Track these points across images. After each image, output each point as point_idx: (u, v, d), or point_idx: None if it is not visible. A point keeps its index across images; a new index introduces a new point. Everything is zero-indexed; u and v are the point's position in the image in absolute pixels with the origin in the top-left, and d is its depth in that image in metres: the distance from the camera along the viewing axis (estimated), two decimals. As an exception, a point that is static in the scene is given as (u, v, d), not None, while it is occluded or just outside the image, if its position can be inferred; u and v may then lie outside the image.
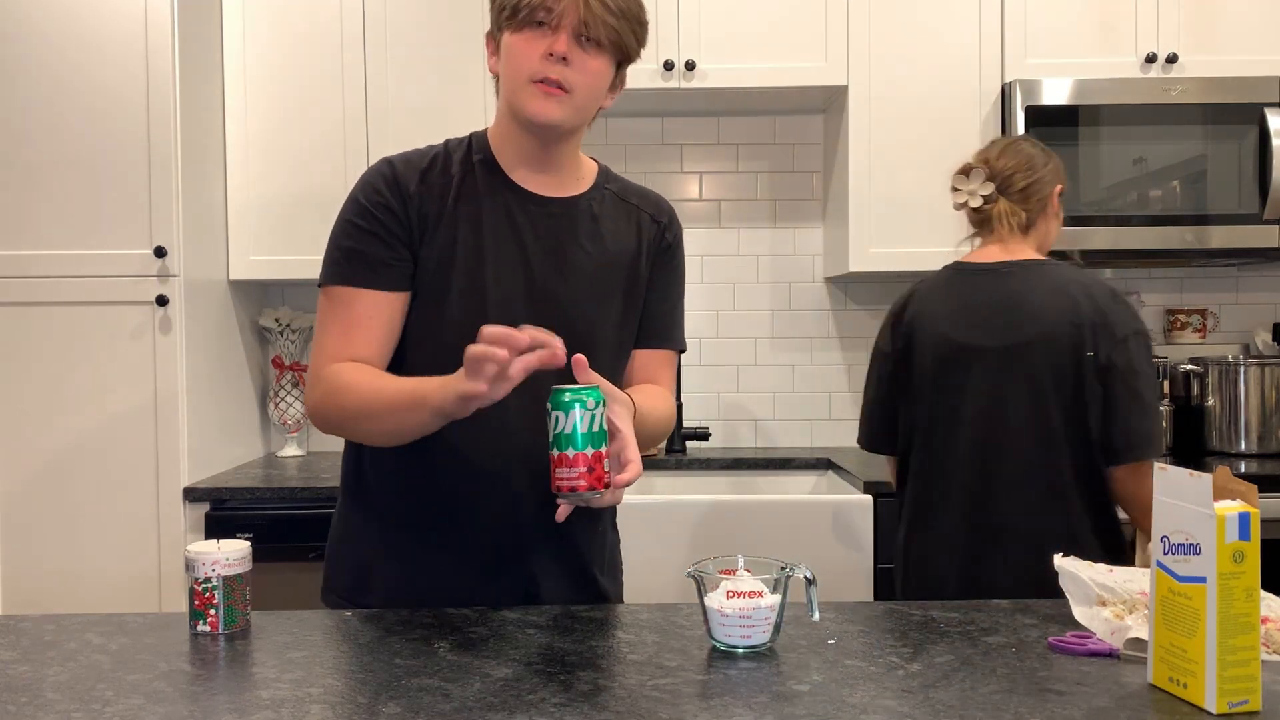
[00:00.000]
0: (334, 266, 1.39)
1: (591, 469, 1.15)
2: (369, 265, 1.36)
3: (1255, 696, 0.97)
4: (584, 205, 1.44)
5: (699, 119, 3.14)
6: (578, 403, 1.15)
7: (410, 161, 1.41)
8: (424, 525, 1.40)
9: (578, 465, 1.15)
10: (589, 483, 1.15)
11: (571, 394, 1.15)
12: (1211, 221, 2.71)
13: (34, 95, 2.45)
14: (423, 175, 1.39)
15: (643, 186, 1.53)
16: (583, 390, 1.16)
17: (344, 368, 1.34)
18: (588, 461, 1.15)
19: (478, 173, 1.41)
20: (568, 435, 1.15)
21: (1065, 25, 2.76)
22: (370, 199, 1.37)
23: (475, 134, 1.46)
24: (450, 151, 1.43)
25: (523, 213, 1.40)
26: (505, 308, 1.37)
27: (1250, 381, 2.85)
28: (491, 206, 1.39)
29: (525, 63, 1.32)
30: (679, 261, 1.54)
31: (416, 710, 0.99)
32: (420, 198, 1.38)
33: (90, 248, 2.46)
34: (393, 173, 1.39)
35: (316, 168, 2.74)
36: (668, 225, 1.51)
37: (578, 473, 1.15)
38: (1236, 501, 0.99)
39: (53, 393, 2.46)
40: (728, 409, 3.13)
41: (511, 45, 1.33)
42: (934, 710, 0.98)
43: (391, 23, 2.76)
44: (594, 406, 1.15)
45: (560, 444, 1.15)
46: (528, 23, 1.31)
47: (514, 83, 1.34)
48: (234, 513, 2.47)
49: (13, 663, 1.15)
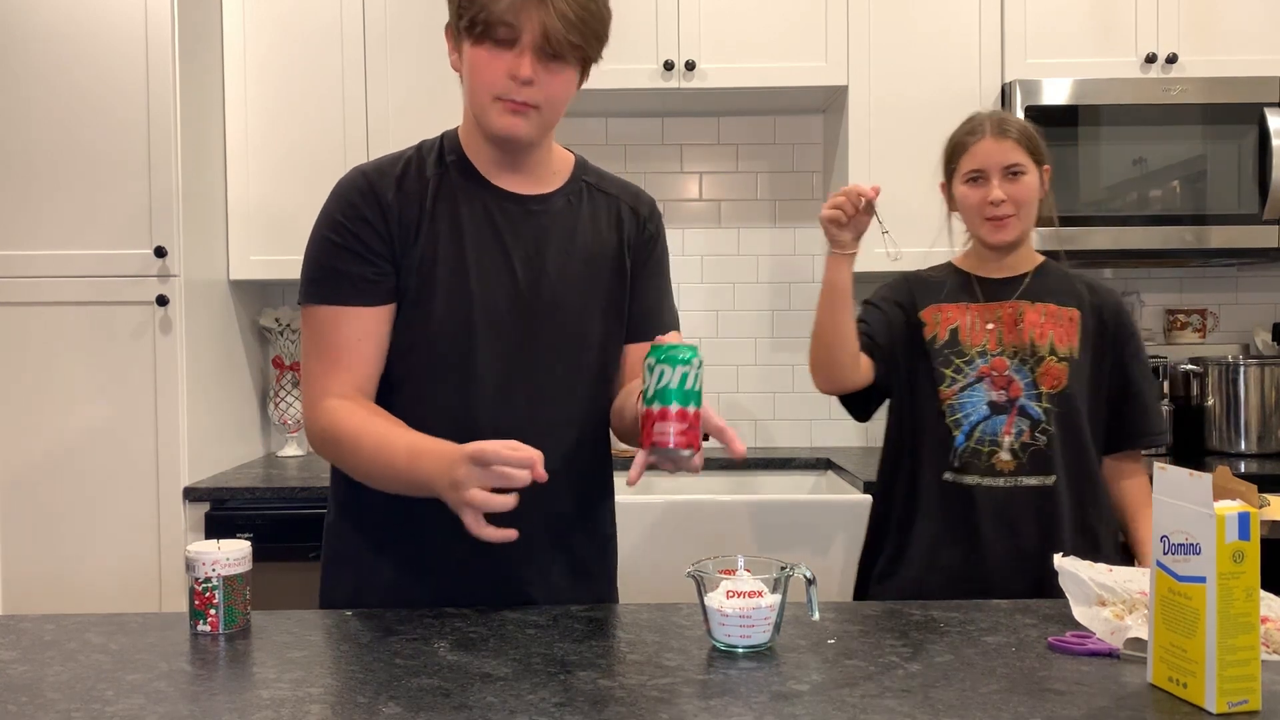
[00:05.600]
0: (315, 285, 1.36)
1: (691, 426, 1.13)
2: (351, 283, 1.34)
3: (1255, 696, 0.97)
4: (562, 200, 1.42)
5: (699, 119, 3.14)
6: (683, 360, 1.12)
7: (383, 170, 1.38)
8: (418, 531, 1.39)
9: (677, 421, 1.12)
10: (688, 440, 1.13)
11: (674, 350, 1.13)
12: (1211, 221, 2.71)
13: (34, 95, 2.45)
14: (398, 183, 1.37)
15: (621, 178, 1.51)
16: (687, 348, 1.14)
17: (343, 412, 1.31)
18: (688, 419, 1.13)
19: (453, 174, 1.39)
20: (673, 390, 1.12)
21: (1065, 25, 2.76)
22: (347, 214, 1.35)
23: (446, 134, 1.43)
24: (424, 154, 1.40)
25: (501, 213, 1.38)
26: (490, 312, 1.36)
27: (1250, 381, 2.85)
28: (470, 209, 1.37)
29: (489, 80, 1.30)
30: (662, 250, 1.51)
31: (416, 710, 0.99)
32: (399, 206, 1.35)
33: (90, 248, 2.46)
34: (367, 184, 1.36)
35: (316, 167, 2.74)
36: (649, 216, 1.49)
37: (676, 429, 1.12)
38: (1236, 501, 0.99)
39: (53, 393, 2.46)
40: (727, 409, 3.13)
41: (474, 59, 1.30)
42: (934, 710, 0.98)
43: (391, 23, 2.76)
44: (698, 365, 1.14)
45: (660, 398, 1.12)
46: (488, 38, 1.28)
47: (478, 98, 1.32)
48: (234, 513, 2.47)
49: (13, 663, 1.15)
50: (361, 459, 1.31)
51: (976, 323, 1.79)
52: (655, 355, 1.14)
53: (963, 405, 1.76)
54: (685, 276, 3.12)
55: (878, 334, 1.83)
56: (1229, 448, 2.88)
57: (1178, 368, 2.98)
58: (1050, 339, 1.76)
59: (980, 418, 1.75)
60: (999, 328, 1.77)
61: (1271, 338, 3.11)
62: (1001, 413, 1.74)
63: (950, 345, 1.78)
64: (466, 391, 1.36)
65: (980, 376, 1.76)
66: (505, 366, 1.37)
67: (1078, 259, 2.78)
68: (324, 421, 1.33)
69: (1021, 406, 1.74)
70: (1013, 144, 1.76)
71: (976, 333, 1.78)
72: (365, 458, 1.30)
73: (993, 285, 1.82)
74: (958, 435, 1.75)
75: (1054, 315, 1.77)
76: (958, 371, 1.77)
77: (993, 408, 1.75)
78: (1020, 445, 1.73)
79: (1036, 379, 1.74)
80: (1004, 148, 1.76)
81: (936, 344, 1.79)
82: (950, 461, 1.76)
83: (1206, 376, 2.92)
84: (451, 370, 1.36)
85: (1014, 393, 1.75)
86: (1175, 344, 3.10)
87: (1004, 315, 1.78)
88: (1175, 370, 2.99)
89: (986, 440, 1.74)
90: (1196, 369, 2.94)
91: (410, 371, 1.37)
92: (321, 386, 1.34)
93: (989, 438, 1.74)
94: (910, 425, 1.82)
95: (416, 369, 1.37)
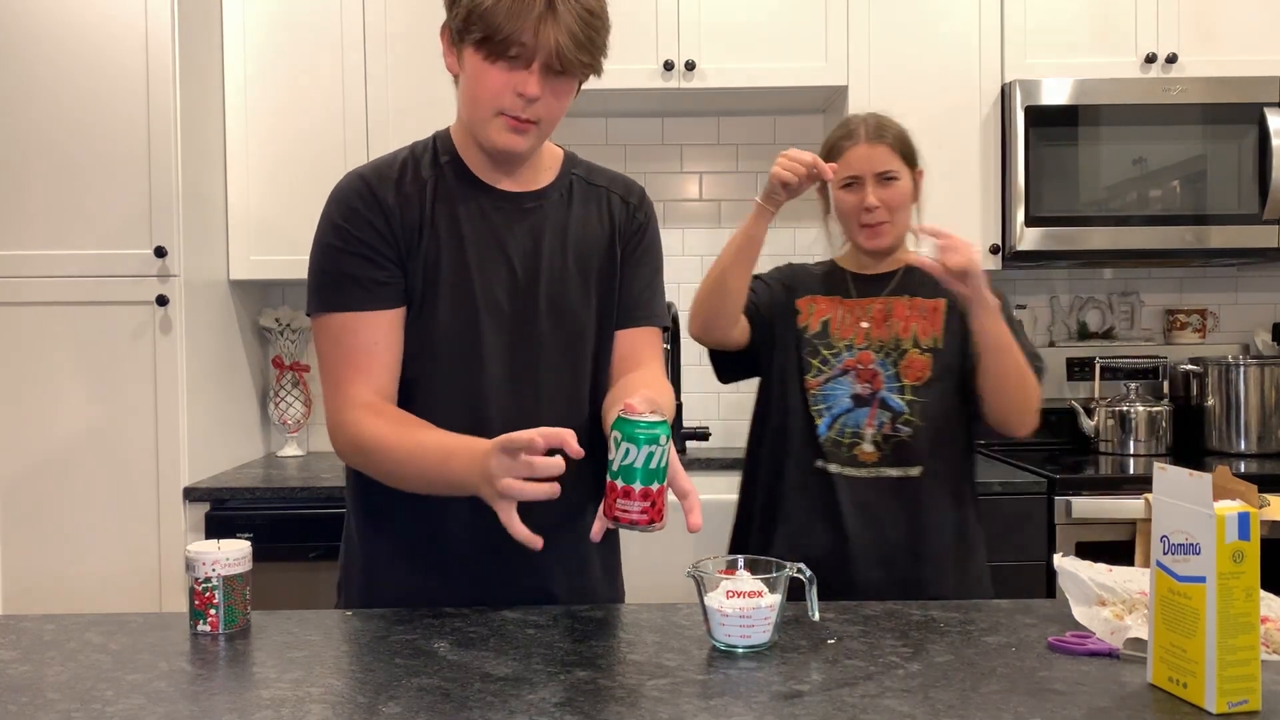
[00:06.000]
0: (325, 294, 1.36)
1: (654, 504, 1.13)
2: (362, 287, 1.33)
3: (1255, 696, 0.97)
4: (555, 195, 1.43)
5: (699, 119, 3.14)
6: (648, 439, 1.11)
7: (381, 173, 1.38)
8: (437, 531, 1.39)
9: (640, 500, 1.13)
10: (650, 517, 1.13)
11: (644, 429, 1.12)
12: (1211, 221, 2.71)
13: (35, 96, 2.45)
14: (397, 185, 1.36)
15: (609, 169, 1.51)
16: (655, 425, 1.12)
17: (369, 422, 1.31)
18: (651, 497, 1.13)
19: (448, 175, 1.39)
20: (636, 469, 1.12)
21: (1065, 25, 2.76)
22: (349, 218, 1.34)
23: (439, 134, 1.43)
24: (417, 156, 1.40)
25: (497, 212, 1.39)
26: (494, 310, 1.36)
27: (1250, 381, 2.85)
28: (467, 209, 1.38)
29: (493, 95, 1.29)
30: (652, 238, 1.51)
31: (416, 710, 0.99)
32: (400, 209, 1.35)
33: (90, 248, 2.46)
34: (367, 187, 1.35)
35: (316, 167, 2.74)
36: (638, 205, 1.49)
37: (639, 507, 1.13)
38: (1236, 501, 0.99)
39: (53, 393, 2.46)
40: (727, 409, 3.13)
41: (478, 72, 1.29)
42: (934, 710, 0.98)
43: (391, 23, 2.76)
44: (664, 443, 1.13)
45: (625, 476, 1.12)
46: (500, 56, 1.27)
47: (479, 110, 1.31)
48: (234, 513, 2.47)
49: (13, 663, 1.15)
50: (394, 466, 1.30)
51: (847, 317, 1.82)
52: (622, 431, 1.12)
53: (826, 396, 1.79)
54: (685, 276, 3.11)
55: (761, 304, 1.86)
56: (1229, 448, 2.88)
57: (1178, 368, 2.98)
58: (914, 331, 1.78)
59: (843, 410, 1.78)
60: (870, 324, 1.81)
61: (1271, 338, 3.11)
62: (864, 405, 1.78)
63: (820, 336, 1.82)
64: (475, 390, 1.36)
65: (846, 369, 1.79)
66: (510, 361, 1.37)
67: (1078, 259, 2.79)
68: (350, 433, 1.32)
69: (883, 399, 1.77)
70: (887, 149, 1.79)
71: (846, 327, 1.82)
72: (398, 464, 1.29)
73: (865, 282, 1.85)
74: (820, 424, 1.78)
75: (919, 307, 1.80)
76: (824, 363, 1.80)
77: (856, 400, 1.78)
78: (883, 437, 1.76)
79: (900, 371, 1.77)
80: (878, 153, 1.78)
81: (808, 333, 1.83)
82: (813, 450, 1.78)
83: (1206, 377, 2.92)
84: (459, 370, 1.36)
85: (876, 385, 1.78)
86: (1175, 344, 3.10)
87: (875, 312, 1.81)
88: (1175, 370, 3.00)
89: (848, 432, 1.77)
90: (1196, 369, 2.94)
91: (418, 374, 1.37)
92: (344, 396, 1.33)
93: (851, 429, 1.77)
94: (778, 410, 1.85)
95: (424, 371, 1.37)
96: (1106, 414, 2.90)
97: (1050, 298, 3.15)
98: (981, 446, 3.00)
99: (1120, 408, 2.88)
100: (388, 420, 1.31)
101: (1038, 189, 2.71)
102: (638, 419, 1.12)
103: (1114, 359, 3.03)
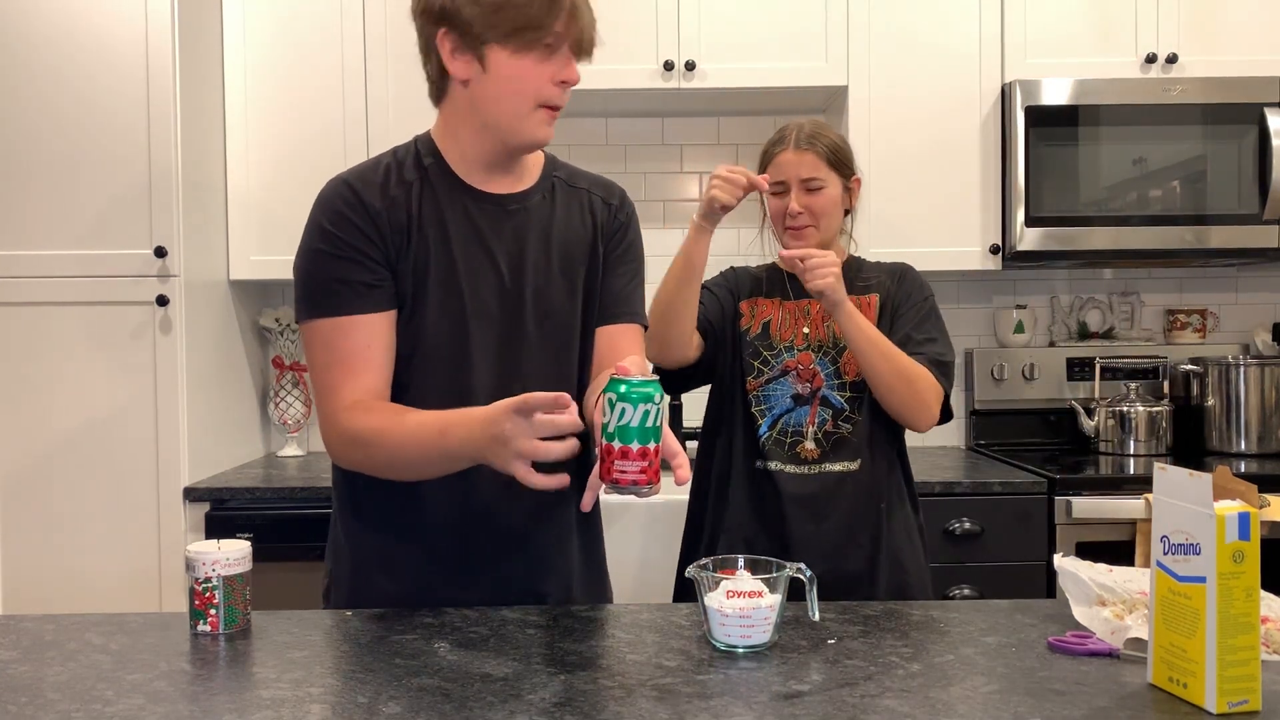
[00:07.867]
0: (314, 299, 1.35)
1: (651, 464, 1.12)
2: (352, 290, 1.33)
3: (1255, 696, 0.97)
4: (537, 197, 1.44)
5: (699, 119, 3.14)
6: (645, 398, 1.11)
7: (365, 177, 1.38)
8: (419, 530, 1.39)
9: (639, 460, 1.12)
10: (649, 477, 1.12)
11: (638, 387, 1.11)
12: (1211, 221, 2.71)
13: (34, 96, 2.45)
14: (382, 189, 1.36)
15: (589, 172, 1.52)
16: (649, 384, 1.12)
17: (362, 415, 1.31)
18: (649, 456, 1.12)
19: (431, 178, 1.39)
20: (632, 429, 1.11)
21: (1065, 25, 2.76)
22: (336, 223, 1.34)
23: (419, 137, 1.43)
24: (400, 159, 1.41)
25: (482, 215, 1.39)
26: (482, 313, 1.37)
27: (1250, 381, 2.85)
28: (453, 212, 1.38)
29: (535, 88, 1.31)
30: (633, 237, 1.52)
31: (416, 710, 0.99)
32: (387, 212, 1.35)
33: (90, 248, 2.46)
34: (353, 193, 1.35)
35: (316, 168, 2.72)
36: (619, 206, 1.50)
37: (638, 467, 1.12)
38: (1236, 501, 0.99)
39: (53, 392, 2.46)
40: (728, 409, 3.13)
41: (514, 68, 1.30)
42: (934, 710, 0.98)
43: (391, 23, 2.75)
44: (659, 401, 1.13)
45: (622, 435, 1.11)
46: (534, 46, 1.29)
47: (519, 106, 1.32)
48: (234, 513, 2.47)
49: (13, 663, 1.15)
50: (394, 450, 1.30)
51: (788, 319, 1.85)
52: (616, 391, 1.12)
53: (767, 397, 1.82)
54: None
55: (713, 317, 1.88)
56: (1229, 448, 2.88)
57: (1178, 368, 2.98)
58: None
59: (784, 410, 1.81)
60: (809, 325, 1.84)
61: (1271, 338, 3.11)
62: (805, 404, 1.81)
63: (761, 338, 1.85)
64: (464, 390, 1.36)
65: (786, 370, 1.82)
66: (498, 362, 1.38)
67: (1078, 259, 2.79)
68: (346, 431, 1.32)
69: (824, 397, 1.80)
70: (814, 158, 1.81)
71: (786, 328, 1.85)
72: (398, 446, 1.29)
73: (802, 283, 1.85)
74: (761, 425, 1.81)
75: (855, 304, 1.80)
76: (765, 364, 1.83)
77: (796, 400, 1.81)
78: (824, 434, 1.79)
79: (840, 368, 1.81)
80: (804, 160, 1.81)
81: (749, 336, 1.86)
82: (755, 451, 1.81)
83: (1206, 377, 2.92)
84: (448, 371, 1.37)
85: (817, 384, 1.81)
86: (1175, 344, 3.10)
87: (813, 312, 1.84)
88: (1175, 370, 3.00)
89: (790, 430, 1.80)
90: (1196, 369, 2.94)
91: (407, 376, 1.37)
92: (338, 399, 1.33)
93: (792, 428, 1.80)
94: (726, 413, 1.87)
95: (413, 373, 1.37)
96: (1107, 414, 2.90)
97: (1050, 298, 3.15)
98: (982, 446, 3.01)
99: (1120, 408, 2.88)
100: (380, 412, 1.32)
101: (1038, 189, 2.71)
102: (632, 379, 1.12)
103: (1114, 359, 3.03)
